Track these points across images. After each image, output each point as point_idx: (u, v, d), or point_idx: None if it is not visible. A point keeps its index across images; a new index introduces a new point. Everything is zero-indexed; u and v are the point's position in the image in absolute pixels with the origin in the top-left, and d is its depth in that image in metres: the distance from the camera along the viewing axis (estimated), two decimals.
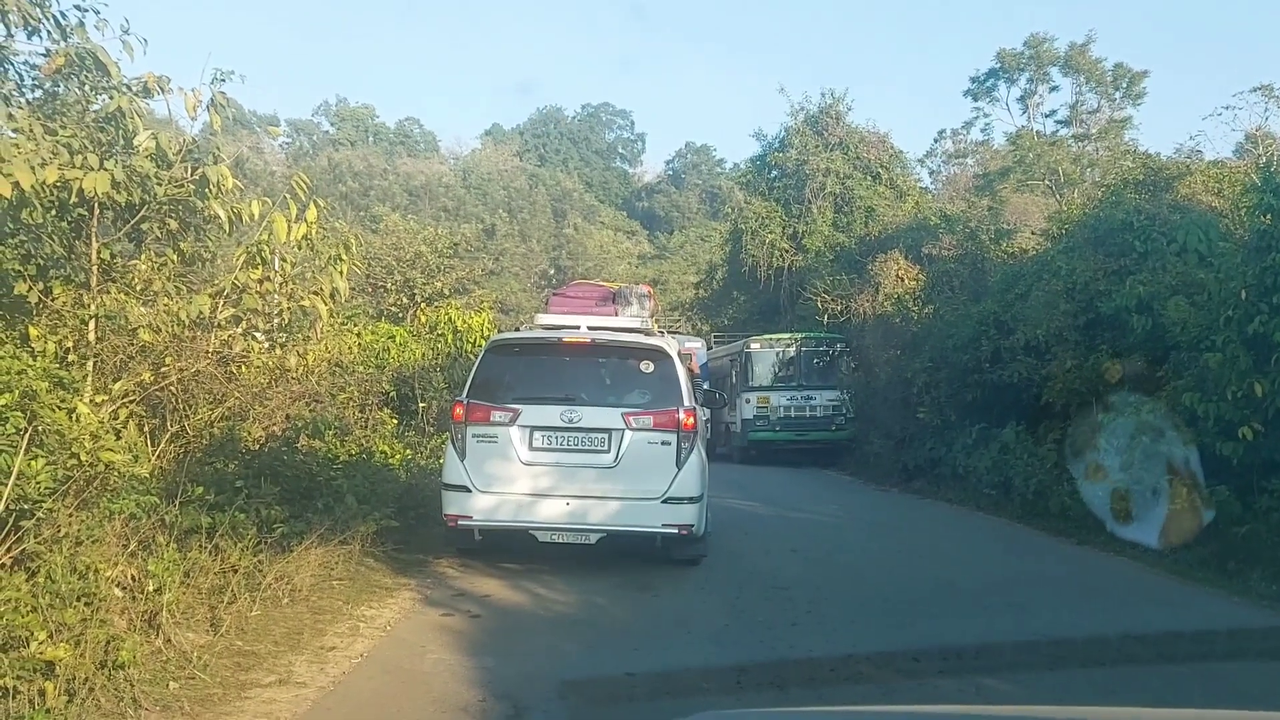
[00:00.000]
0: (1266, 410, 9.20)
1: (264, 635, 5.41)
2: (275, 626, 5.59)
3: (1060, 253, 13.79)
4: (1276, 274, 9.32)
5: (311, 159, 58.64)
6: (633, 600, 6.75)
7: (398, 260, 23.48)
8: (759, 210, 27.90)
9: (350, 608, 6.14)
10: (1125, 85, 35.96)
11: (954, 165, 41.55)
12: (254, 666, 4.87)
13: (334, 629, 5.66)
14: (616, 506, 7.44)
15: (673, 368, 7.84)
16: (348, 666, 4.98)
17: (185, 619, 5.53)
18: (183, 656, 4.85)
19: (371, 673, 4.93)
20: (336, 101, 69.96)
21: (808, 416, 20.65)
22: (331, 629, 5.66)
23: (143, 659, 4.80)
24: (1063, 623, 6.44)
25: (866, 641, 5.35)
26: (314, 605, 6.08)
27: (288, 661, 5.00)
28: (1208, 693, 4.78)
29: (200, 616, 5.65)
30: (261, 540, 6.98)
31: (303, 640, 5.38)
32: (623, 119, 76.86)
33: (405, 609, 6.29)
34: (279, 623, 5.67)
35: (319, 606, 6.08)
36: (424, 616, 6.12)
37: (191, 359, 8.09)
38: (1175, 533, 10.04)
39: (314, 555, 6.94)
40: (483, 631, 5.77)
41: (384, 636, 5.60)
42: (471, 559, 7.86)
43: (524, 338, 8.38)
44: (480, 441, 7.54)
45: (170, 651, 4.93)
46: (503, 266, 42.39)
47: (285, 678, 4.75)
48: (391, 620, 5.98)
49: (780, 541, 9.69)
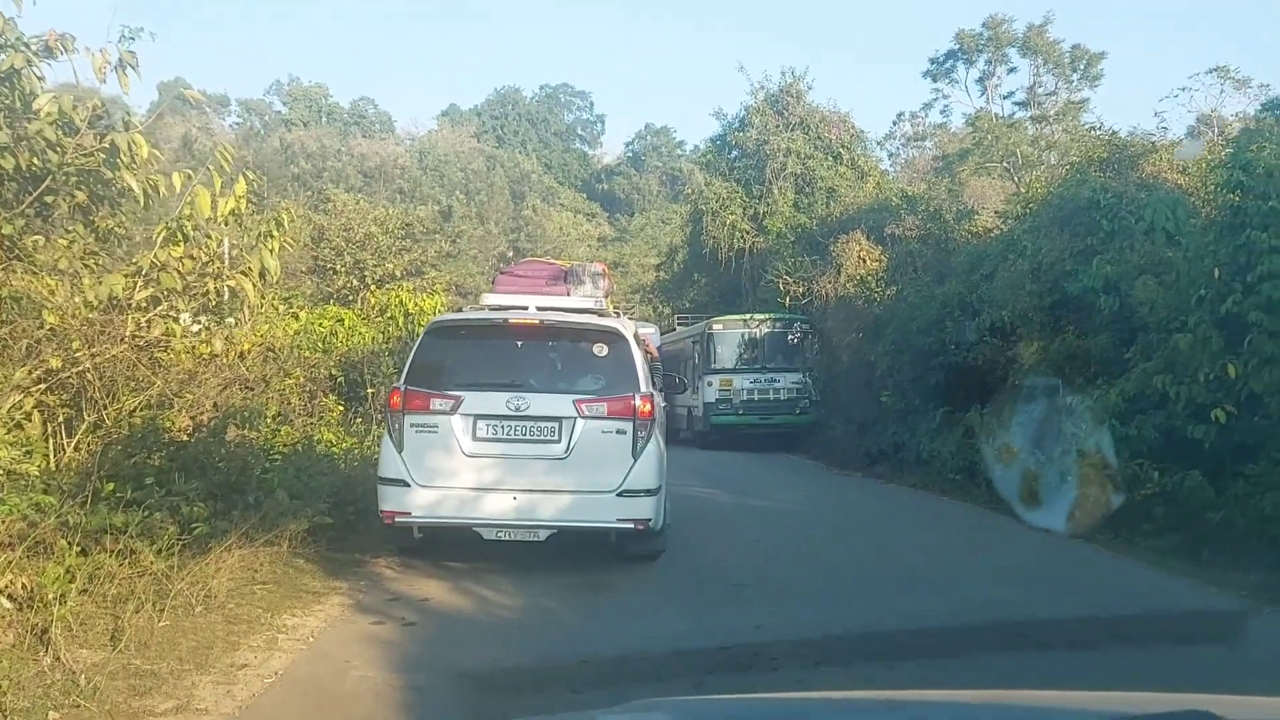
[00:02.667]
0: (1239, 392, 8.91)
1: (169, 650, 4.86)
2: (183, 639, 5.04)
3: (1026, 232, 13.47)
4: (1250, 252, 9.02)
5: (263, 139, 57.45)
6: (586, 603, 6.25)
7: (347, 241, 22.81)
8: (719, 191, 27.47)
9: (271, 616, 5.58)
10: (1083, 67, 35.93)
11: (912, 148, 41.40)
12: (151, 690, 4.32)
13: (249, 642, 5.11)
14: (568, 501, 6.93)
15: (628, 351, 7.34)
16: (259, 688, 4.43)
17: (82, 632, 4.98)
18: (70, 679, 4.29)
19: (285, 695, 4.39)
20: (289, 81, 68.50)
21: (771, 400, 20.23)
22: (246, 642, 5.11)
23: (25, 682, 4.25)
24: (1043, 617, 6.07)
25: (838, 653, 4.91)
26: (230, 614, 5.52)
27: (191, 683, 4.45)
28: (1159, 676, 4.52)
29: (100, 629, 5.10)
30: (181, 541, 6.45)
31: (212, 656, 4.83)
32: (582, 100, 76.12)
33: (333, 617, 5.74)
34: (188, 635, 5.12)
35: (236, 615, 5.52)
36: (353, 625, 5.58)
37: (107, 344, 7.49)
38: (1083, 516, 9.92)
39: (236, 557, 6.39)
40: (416, 643, 5.25)
41: (305, 650, 5.06)
42: (413, 558, 7.33)
43: (467, 319, 7.81)
44: (419, 432, 6.99)
45: (58, 672, 4.37)
46: (460, 249, 41.57)
47: (185, 703, 4.20)
48: (316, 630, 5.44)
49: (743, 532, 9.28)
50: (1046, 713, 1.75)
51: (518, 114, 72.12)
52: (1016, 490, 11.15)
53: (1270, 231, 8.83)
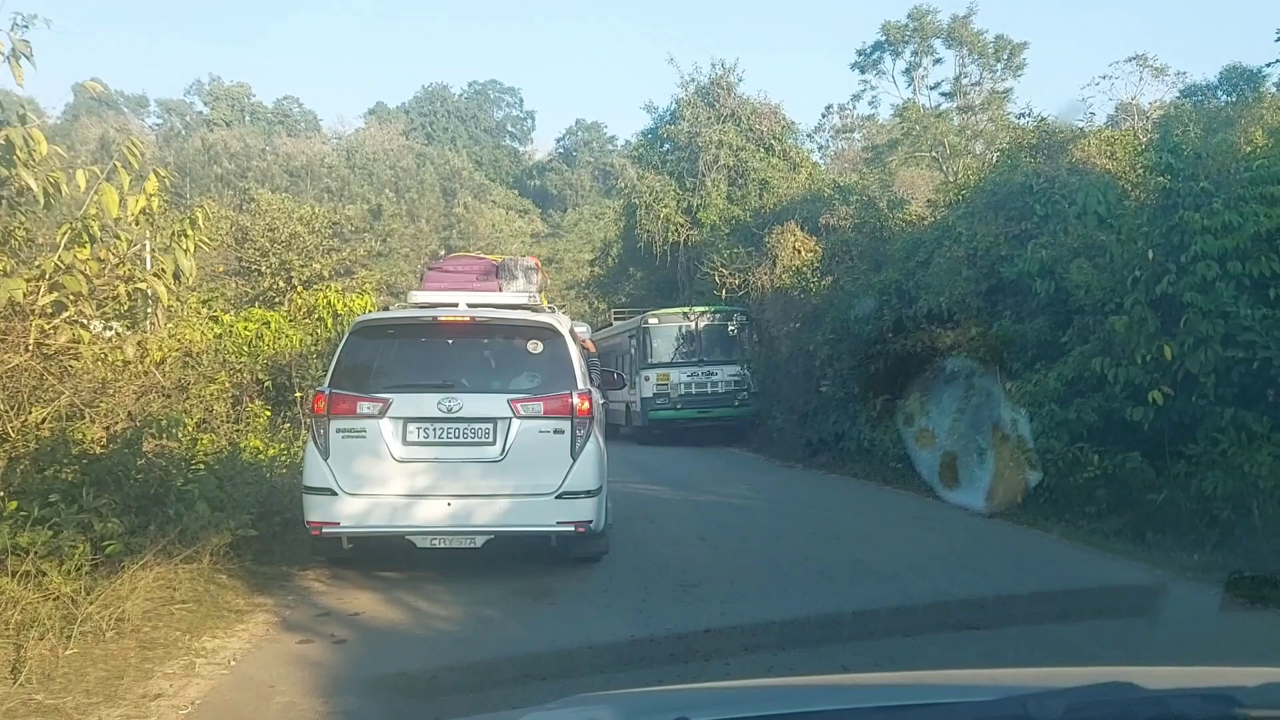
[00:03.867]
0: (1176, 373, 8.96)
1: (76, 682, 4.47)
2: (92, 669, 4.65)
3: (960, 218, 13.50)
4: (1183, 232, 9.08)
5: (184, 140, 55.96)
6: (528, 612, 5.96)
7: (272, 242, 22.19)
8: (652, 184, 27.30)
9: (190, 639, 5.20)
10: (1006, 57, 36.49)
11: (841, 140, 41.70)
12: None
13: (165, 669, 4.74)
14: (505, 505, 6.63)
15: (564, 347, 7.07)
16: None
17: None
18: None
19: None
20: (210, 80, 66.69)
21: (710, 393, 20.06)
22: (162, 669, 4.73)
23: None
24: (994, 604, 5.97)
25: (791, 658, 4.70)
26: (145, 638, 5.14)
27: (99, 717, 4.09)
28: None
29: (1, 659, 4.70)
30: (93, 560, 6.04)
31: (123, 687, 4.46)
32: (511, 96, 75.50)
33: (257, 636, 5.37)
34: (98, 664, 4.73)
35: (151, 640, 5.13)
36: (278, 645, 5.22)
37: (8, 352, 7.02)
38: (1001, 495, 10.09)
39: (152, 575, 5.99)
40: (347, 662, 4.93)
41: (226, 675, 4.70)
42: (343, 569, 6.96)
43: (394, 318, 7.45)
44: (346, 437, 6.63)
45: None
46: (391, 248, 40.84)
47: None
48: (238, 652, 5.07)
49: (688, 528, 9.06)
50: (964, 690, 1.79)
51: (446, 111, 71.26)
52: (938, 472, 11.28)
53: (1202, 212, 8.89)
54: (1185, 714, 1.47)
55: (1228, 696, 1.48)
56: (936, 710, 1.62)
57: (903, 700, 1.72)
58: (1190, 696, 1.53)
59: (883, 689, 1.87)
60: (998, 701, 1.57)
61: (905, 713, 1.62)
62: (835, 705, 1.72)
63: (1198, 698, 1.52)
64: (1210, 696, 1.51)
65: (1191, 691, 1.57)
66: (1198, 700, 1.51)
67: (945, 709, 1.62)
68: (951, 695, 1.75)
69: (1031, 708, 1.47)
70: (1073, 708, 1.46)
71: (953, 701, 1.66)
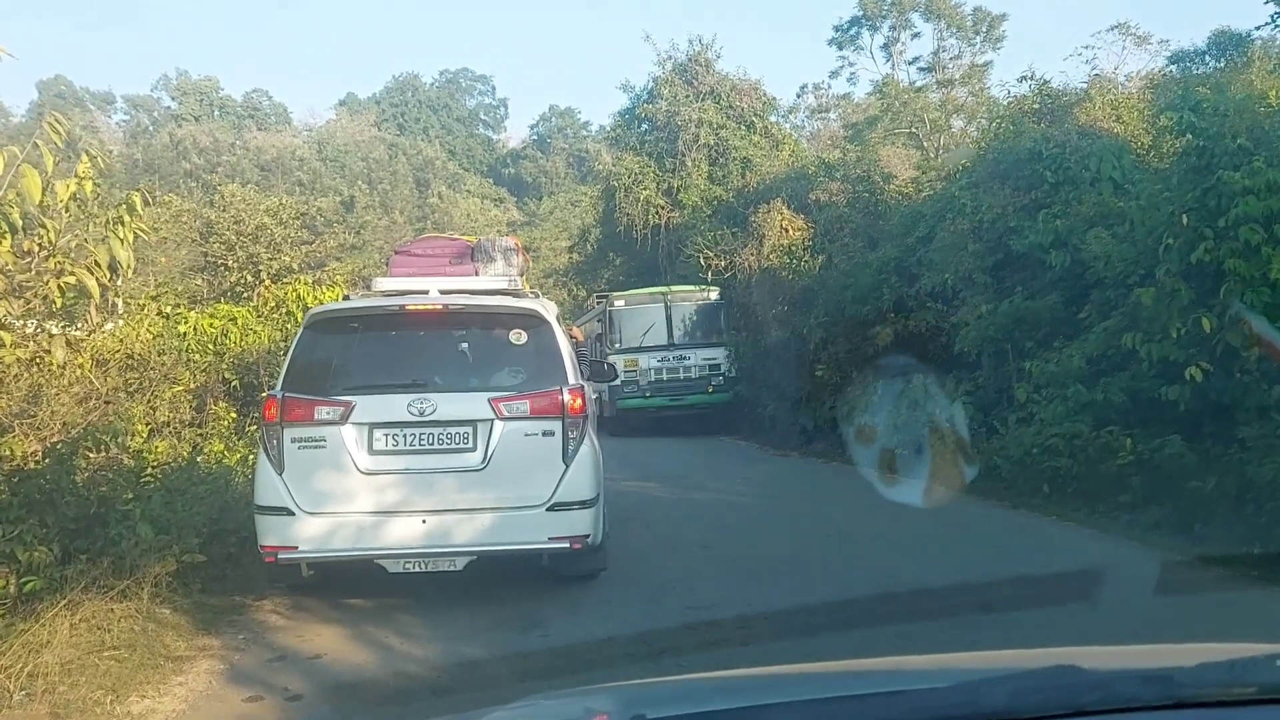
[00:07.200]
0: (1215, 347, 8.22)
1: None
2: None
3: (964, 189, 12.71)
4: (1221, 195, 8.31)
5: (152, 136, 54.79)
6: (517, 648, 5.09)
7: (239, 235, 21.29)
8: (631, 166, 26.41)
9: (113, 701, 4.33)
10: (985, 29, 35.88)
11: (817, 120, 40.98)
12: None
13: None
14: (489, 520, 5.78)
15: (552, 337, 6.22)
16: None
17: None
18: None
19: None
20: (177, 75, 65.15)
21: (681, 379, 18.87)
22: None
23: None
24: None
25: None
26: (59, 701, 4.28)
27: None
28: None
29: None
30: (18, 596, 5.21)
31: None
32: (483, 84, 74.44)
33: (195, 693, 4.50)
34: None
35: (66, 702, 4.27)
36: (221, 704, 4.36)
37: None
38: (939, 489, 9.82)
39: (80, 614, 5.15)
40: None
41: None
42: (305, 596, 6.11)
43: (355, 308, 6.48)
44: (303, 447, 5.76)
45: None
46: (364, 240, 39.92)
47: None
48: (174, 715, 4.23)
49: (689, 534, 8.26)
50: (912, 677, 1.81)
51: (418, 101, 70.21)
52: (875, 467, 10.89)
53: (1242, 171, 8.12)
54: (1127, 695, 1.50)
55: (1167, 677, 1.53)
56: (888, 700, 1.60)
57: (854, 690, 1.69)
58: (1131, 678, 1.58)
59: (834, 678, 1.86)
60: (949, 689, 1.57)
61: (862, 702, 1.61)
62: (789, 697, 1.68)
63: (1138, 679, 1.56)
64: (1150, 678, 1.56)
65: (1132, 673, 1.62)
66: (1138, 682, 1.55)
67: (897, 698, 1.59)
68: (903, 683, 1.72)
69: (981, 694, 1.49)
70: (1018, 692, 1.48)
71: (904, 689, 1.63)
